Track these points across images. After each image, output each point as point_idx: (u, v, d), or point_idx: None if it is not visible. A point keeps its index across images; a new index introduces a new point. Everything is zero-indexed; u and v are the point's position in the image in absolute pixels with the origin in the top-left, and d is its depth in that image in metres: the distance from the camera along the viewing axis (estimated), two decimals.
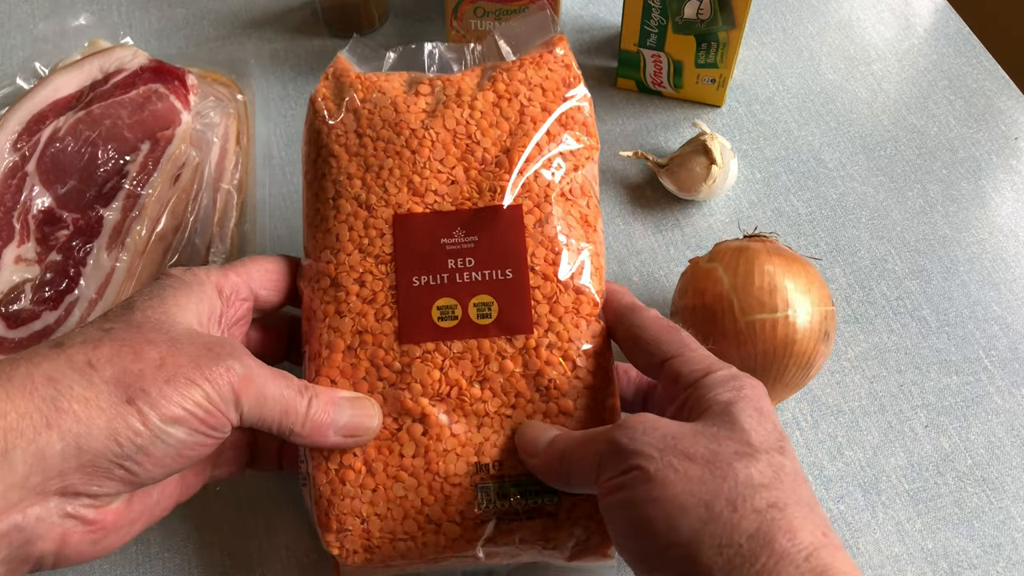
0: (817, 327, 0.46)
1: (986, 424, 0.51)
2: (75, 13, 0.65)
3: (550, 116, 0.43)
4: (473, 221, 0.41)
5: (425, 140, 0.42)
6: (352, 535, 0.39)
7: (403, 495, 0.39)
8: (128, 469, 0.32)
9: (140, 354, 0.33)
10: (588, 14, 0.69)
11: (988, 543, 0.47)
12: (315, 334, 0.41)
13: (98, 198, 0.54)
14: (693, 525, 0.30)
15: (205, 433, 0.33)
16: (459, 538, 0.39)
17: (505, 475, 0.39)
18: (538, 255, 0.40)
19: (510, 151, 0.42)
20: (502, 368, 0.39)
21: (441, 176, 0.41)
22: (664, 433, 0.33)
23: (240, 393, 0.34)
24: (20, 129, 0.55)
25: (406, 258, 0.40)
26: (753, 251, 0.47)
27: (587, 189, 0.43)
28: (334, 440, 0.38)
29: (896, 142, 0.62)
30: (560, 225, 0.41)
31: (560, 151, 0.42)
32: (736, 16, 0.56)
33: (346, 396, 0.38)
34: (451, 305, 0.40)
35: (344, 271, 0.41)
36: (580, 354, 0.40)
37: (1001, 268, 0.56)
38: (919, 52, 0.67)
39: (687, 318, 0.48)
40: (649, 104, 0.64)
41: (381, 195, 0.41)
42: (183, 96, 0.57)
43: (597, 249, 0.42)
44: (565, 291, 0.40)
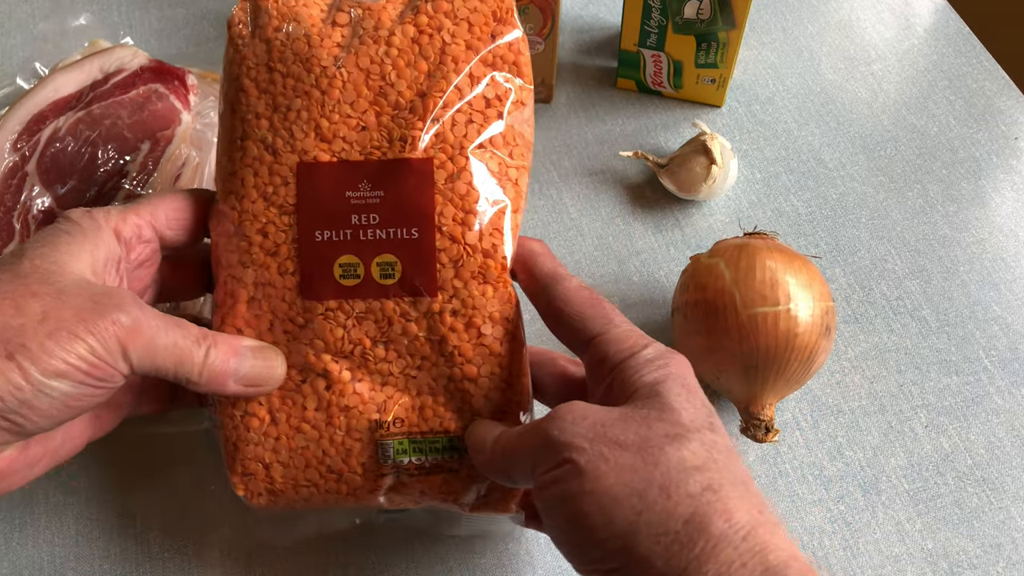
0: (819, 321, 0.46)
1: (986, 424, 0.51)
2: (75, 13, 0.65)
3: (475, 55, 0.39)
4: (380, 174, 0.38)
5: (336, 80, 0.39)
6: (256, 479, 0.39)
7: (304, 445, 0.39)
8: (12, 421, 0.32)
9: (22, 308, 0.32)
10: (588, 14, 0.69)
11: (988, 543, 0.47)
12: (219, 281, 0.40)
13: (98, 198, 0.54)
14: (628, 516, 0.30)
15: (92, 384, 0.33)
16: (360, 487, 0.39)
17: (406, 432, 0.39)
18: (446, 214, 0.38)
19: (426, 96, 0.38)
20: (406, 331, 0.38)
21: (351, 121, 0.38)
22: (593, 421, 0.33)
23: (127, 344, 0.33)
24: (20, 129, 0.55)
25: (309, 211, 0.38)
26: (754, 247, 0.47)
27: (511, 138, 0.40)
28: (234, 388, 0.37)
29: (896, 142, 0.62)
30: (475, 180, 0.38)
31: (484, 94, 0.39)
32: (736, 16, 0.56)
33: (249, 345, 0.38)
34: (354, 263, 0.38)
35: (248, 219, 0.39)
36: (486, 321, 0.38)
37: (1001, 268, 0.56)
38: (919, 52, 0.67)
39: (689, 313, 0.48)
40: (649, 104, 0.64)
41: (287, 139, 0.39)
42: (183, 96, 0.57)
43: (515, 205, 0.40)
44: (472, 255, 0.38)
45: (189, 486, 0.48)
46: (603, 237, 0.58)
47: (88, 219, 0.37)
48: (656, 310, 0.55)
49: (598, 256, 0.57)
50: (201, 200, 0.41)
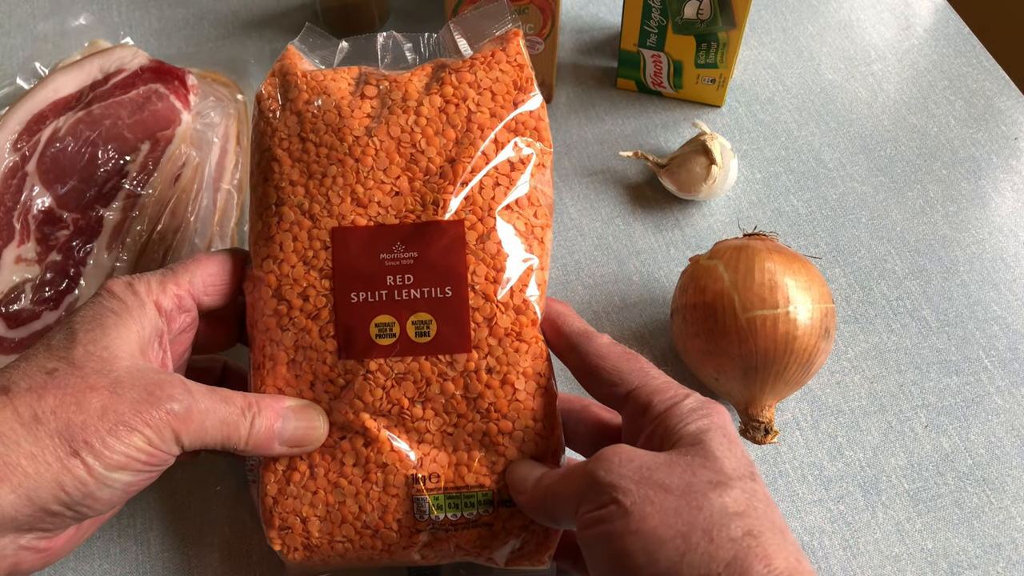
0: (818, 324, 0.46)
1: (986, 424, 0.51)
2: (75, 13, 0.65)
3: (499, 123, 0.41)
4: (413, 236, 0.40)
5: (368, 148, 0.40)
6: (293, 533, 0.40)
7: (342, 500, 0.40)
8: (78, 512, 0.34)
9: (82, 404, 0.34)
10: (588, 14, 0.69)
11: (988, 543, 0.47)
12: (257, 345, 0.41)
13: (98, 198, 0.54)
14: (671, 557, 0.31)
15: (149, 472, 0.36)
16: (395, 544, 0.40)
17: (441, 488, 0.39)
18: (479, 273, 0.39)
19: (455, 161, 0.40)
20: (443, 390, 0.39)
21: (385, 187, 0.40)
22: (639, 464, 0.34)
23: (180, 431, 0.35)
24: (20, 129, 0.55)
25: (345, 273, 0.40)
26: (753, 249, 0.47)
27: (535, 199, 0.42)
28: (279, 450, 0.39)
29: (896, 142, 0.62)
30: (503, 240, 0.40)
31: (509, 158, 0.41)
32: (736, 16, 0.56)
33: (292, 406, 0.39)
34: (389, 323, 0.39)
35: (287, 284, 0.40)
36: (519, 376, 0.40)
37: (1001, 268, 0.56)
38: (919, 52, 0.67)
39: (688, 316, 0.48)
40: (649, 104, 0.64)
41: (324, 204, 0.40)
42: (183, 96, 0.57)
43: (542, 263, 0.41)
44: (505, 312, 0.40)
45: (189, 486, 0.48)
46: (603, 237, 0.58)
47: (131, 295, 0.38)
48: (656, 310, 0.55)
49: (598, 256, 0.57)
50: (236, 261, 0.42)
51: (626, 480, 0.33)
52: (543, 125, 0.43)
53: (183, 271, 0.40)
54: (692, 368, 0.50)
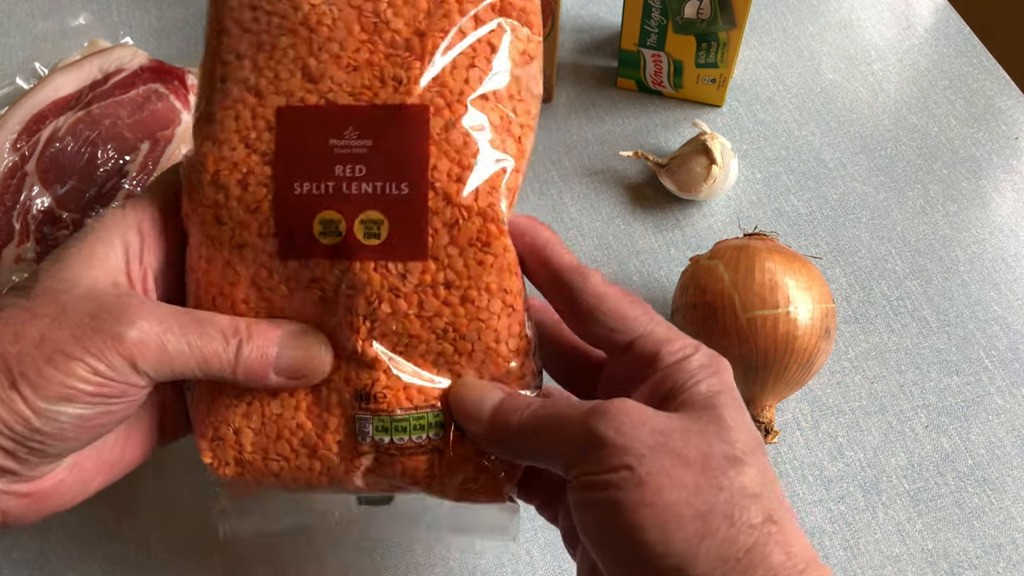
0: (818, 324, 0.46)
1: (986, 424, 0.51)
2: (75, 13, 0.65)
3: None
4: (370, 120, 0.34)
5: (325, 17, 0.35)
6: (224, 444, 0.36)
7: (279, 412, 0.35)
8: (31, 448, 0.32)
9: (20, 333, 0.31)
10: (588, 14, 0.69)
11: (988, 543, 0.47)
12: (192, 244, 0.36)
13: (98, 198, 0.54)
14: (689, 538, 0.29)
15: (104, 403, 0.32)
16: (335, 467, 0.35)
17: (386, 408, 0.35)
18: (441, 168, 0.34)
19: (424, 35, 0.35)
20: (394, 308, 0.34)
21: (341, 60, 0.35)
22: (653, 428, 0.31)
23: (135, 358, 0.32)
24: (20, 129, 0.55)
25: (289, 159, 0.34)
26: (754, 249, 0.47)
27: (516, 92, 0.36)
28: (276, 380, 0.35)
29: (896, 142, 0.62)
30: (473, 132, 0.34)
31: (490, 40, 0.36)
32: (736, 16, 0.56)
33: (289, 332, 0.35)
34: (335, 219, 0.34)
35: (226, 168, 0.35)
36: (482, 293, 0.35)
37: (1001, 268, 0.56)
38: (919, 52, 0.67)
39: (688, 316, 0.48)
40: (649, 104, 0.64)
41: (272, 80, 0.35)
42: (183, 96, 0.57)
43: (518, 164, 0.36)
44: (469, 218, 0.34)
45: (189, 486, 0.48)
46: (603, 237, 0.58)
47: (106, 216, 0.35)
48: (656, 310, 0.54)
49: (598, 256, 0.57)
50: None
51: (639, 444, 0.30)
52: (533, 8, 0.37)
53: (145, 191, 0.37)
54: None
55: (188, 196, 0.36)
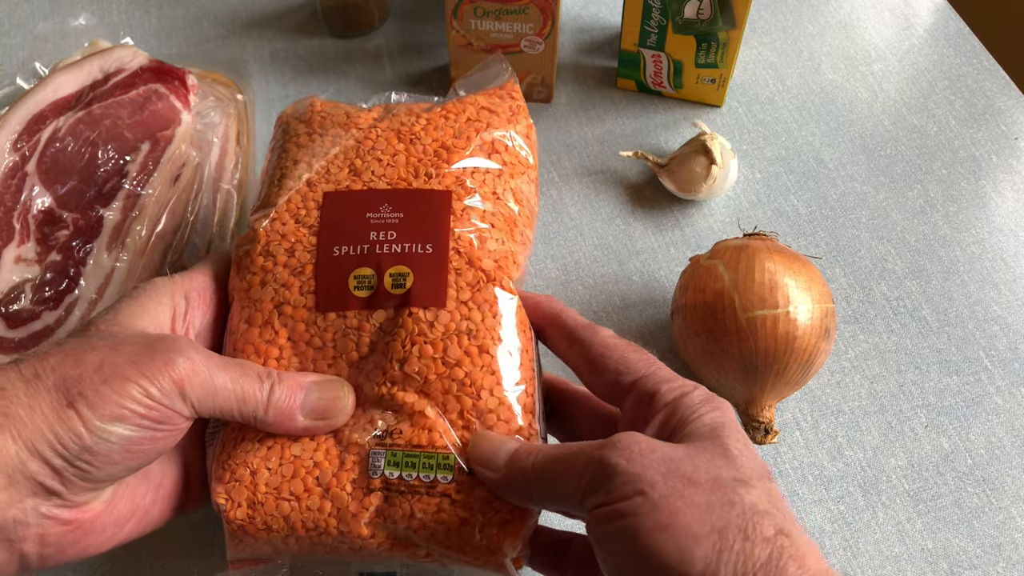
0: (818, 324, 0.46)
1: (986, 424, 0.51)
2: (75, 13, 0.65)
3: (495, 131, 0.44)
4: (402, 199, 0.41)
5: (371, 133, 0.44)
6: (239, 486, 0.38)
7: (298, 454, 0.38)
8: (79, 468, 0.33)
9: (81, 360, 0.34)
10: (588, 14, 0.69)
11: (988, 543, 0.47)
12: (234, 310, 0.40)
13: (98, 198, 0.54)
14: (708, 555, 0.30)
15: (152, 428, 0.34)
16: (345, 507, 0.37)
17: (401, 444, 0.38)
18: (463, 237, 0.40)
19: (450, 149, 0.43)
20: (423, 353, 0.38)
21: (382, 161, 0.42)
22: (662, 455, 0.32)
23: (184, 385, 0.35)
24: (20, 129, 0.55)
25: (331, 229, 0.40)
26: (754, 248, 0.47)
27: (519, 196, 0.44)
28: (303, 424, 0.38)
29: (896, 142, 0.62)
30: (488, 216, 0.42)
31: (502, 157, 0.44)
32: (736, 16, 0.56)
33: (315, 380, 0.38)
34: (368, 275, 0.39)
35: (276, 239, 0.41)
36: (496, 343, 0.39)
37: (1001, 268, 0.56)
38: (919, 52, 0.67)
39: (688, 315, 0.48)
40: (649, 104, 0.64)
41: (323, 175, 0.42)
42: (183, 96, 0.57)
43: (522, 253, 0.42)
44: (487, 282, 0.40)
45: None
46: (603, 237, 0.58)
47: (156, 281, 0.39)
48: (656, 310, 0.55)
49: (598, 256, 0.57)
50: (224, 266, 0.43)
51: (651, 471, 0.31)
52: (533, 145, 0.46)
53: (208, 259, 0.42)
54: (692, 368, 0.50)
55: (237, 267, 0.41)
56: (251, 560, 0.40)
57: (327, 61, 0.66)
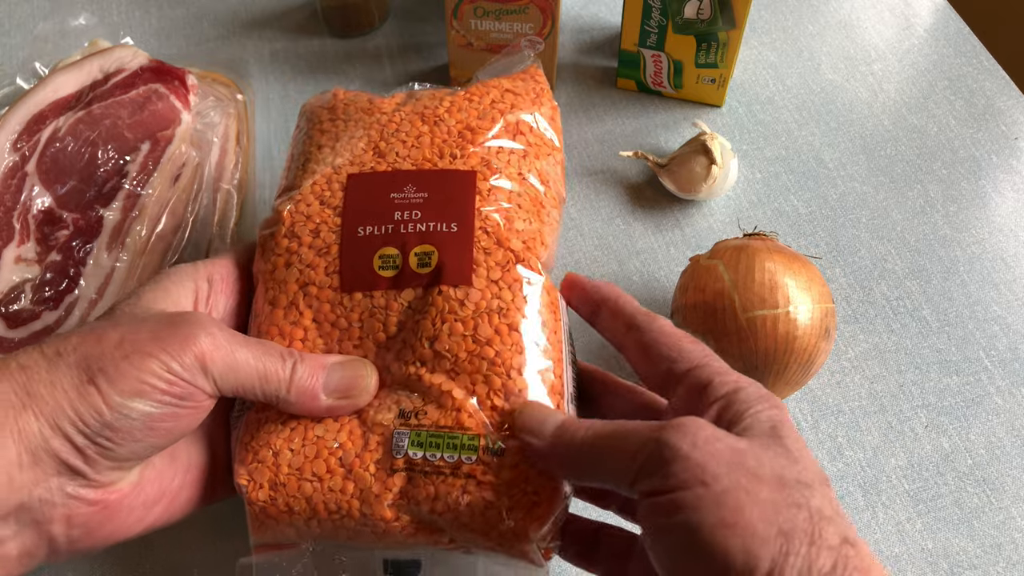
0: (818, 324, 0.46)
1: (986, 424, 0.51)
2: (75, 13, 0.65)
3: (520, 112, 0.44)
4: (427, 179, 0.41)
5: (395, 116, 0.44)
6: (262, 467, 0.37)
7: (321, 435, 0.38)
8: (101, 445, 0.33)
9: (102, 338, 0.34)
10: (588, 14, 0.69)
11: (988, 543, 0.47)
12: (259, 292, 0.40)
13: (98, 198, 0.54)
14: (775, 556, 0.28)
15: (173, 404, 0.34)
16: (368, 488, 0.37)
17: (427, 425, 0.37)
18: (490, 219, 0.40)
19: (474, 130, 0.43)
20: (453, 330, 0.38)
21: (406, 143, 0.42)
22: (728, 446, 0.30)
23: (206, 361, 0.34)
24: (20, 129, 0.55)
25: (355, 209, 0.40)
26: (754, 248, 0.47)
27: (545, 177, 0.43)
28: (326, 403, 0.37)
29: (896, 142, 0.62)
30: (513, 196, 0.41)
31: (527, 139, 0.44)
32: (736, 16, 0.56)
33: (337, 360, 0.38)
34: (393, 255, 0.39)
35: (301, 221, 0.40)
36: (526, 322, 0.38)
37: (1001, 268, 0.56)
38: (919, 52, 0.67)
39: (688, 315, 0.48)
40: (649, 104, 0.64)
41: (347, 158, 0.42)
42: (183, 96, 0.57)
43: (549, 234, 0.42)
44: (517, 262, 0.39)
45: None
46: (603, 237, 0.58)
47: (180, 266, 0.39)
48: (656, 310, 0.54)
49: (598, 256, 0.57)
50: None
51: (715, 461, 0.30)
52: (558, 128, 0.46)
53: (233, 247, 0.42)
54: None
55: (261, 250, 0.41)
56: (274, 545, 0.39)
57: (327, 61, 0.66)
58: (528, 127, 0.44)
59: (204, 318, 0.36)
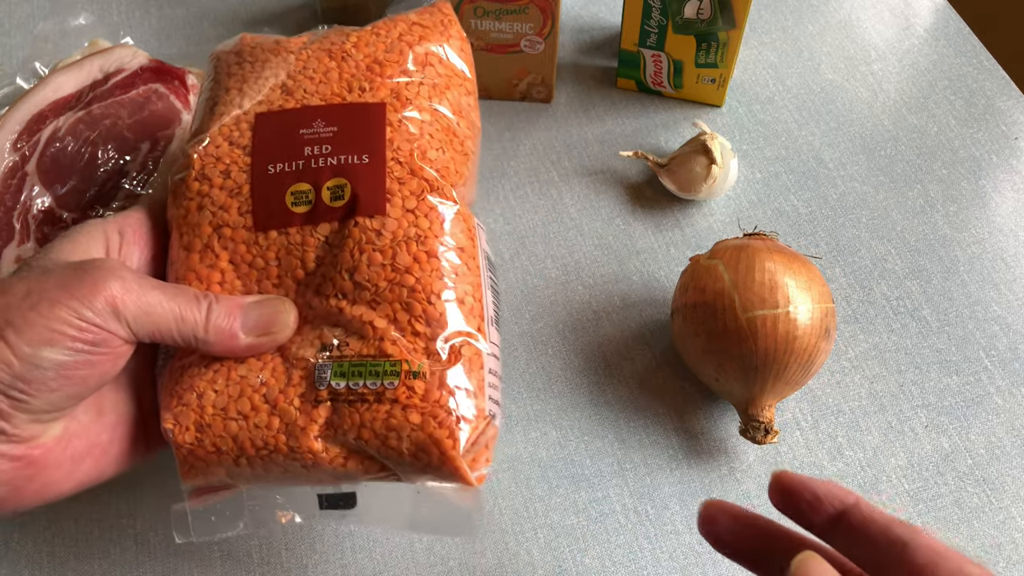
0: (818, 324, 0.46)
1: (986, 424, 0.51)
2: (75, 13, 0.65)
3: (429, 44, 0.44)
4: (336, 113, 0.41)
5: (302, 54, 0.43)
6: (187, 410, 0.37)
7: (244, 374, 0.38)
8: (15, 398, 0.33)
9: (7, 291, 0.34)
10: (588, 14, 0.69)
11: (988, 543, 0.47)
12: (173, 238, 0.40)
13: (98, 198, 0.54)
14: None
15: (86, 351, 0.34)
16: (293, 422, 0.37)
17: (348, 356, 0.37)
18: (401, 146, 0.40)
19: (383, 64, 0.43)
20: (372, 260, 0.38)
21: (314, 79, 0.42)
22: None
23: (117, 304, 0.34)
24: (20, 129, 0.55)
25: (264, 147, 0.40)
26: (753, 248, 0.47)
27: (457, 107, 0.43)
28: (247, 342, 0.37)
29: (896, 142, 0.62)
30: (425, 126, 0.41)
31: (437, 71, 0.44)
32: (736, 16, 0.56)
33: (253, 299, 0.38)
34: (305, 190, 0.39)
35: (211, 162, 0.40)
36: (443, 248, 0.39)
37: (1001, 268, 0.56)
38: (919, 52, 0.67)
39: (688, 315, 0.48)
40: (649, 104, 0.64)
41: (254, 97, 0.42)
42: (183, 96, 0.57)
43: (464, 164, 0.42)
44: (432, 190, 0.40)
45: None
46: (603, 237, 0.58)
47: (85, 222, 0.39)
48: (656, 310, 0.55)
49: (598, 256, 0.57)
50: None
51: None
52: (468, 59, 0.46)
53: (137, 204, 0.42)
54: (692, 368, 0.50)
55: (173, 196, 0.41)
56: (208, 489, 0.39)
57: None
58: (437, 58, 0.44)
59: (113, 263, 0.35)
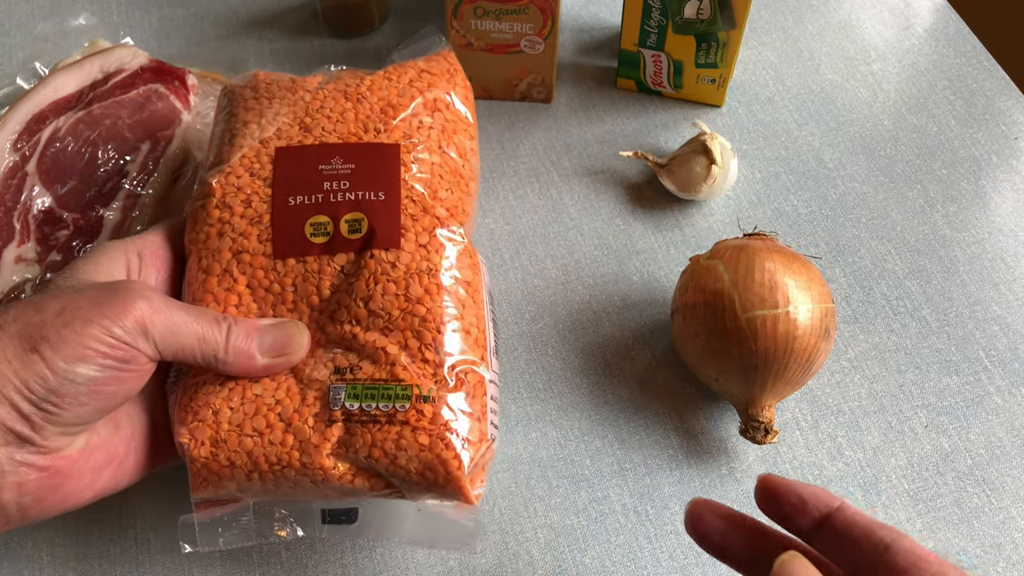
0: (818, 324, 0.46)
1: (986, 424, 0.51)
2: (75, 13, 0.65)
3: (437, 90, 0.47)
4: (353, 152, 0.43)
5: (318, 94, 0.46)
6: (203, 425, 0.39)
7: (260, 393, 0.39)
8: (47, 411, 0.34)
9: (41, 307, 0.35)
10: (588, 14, 0.69)
11: (988, 543, 0.47)
12: (192, 261, 0.42)
13: (98, 198, 0.54)
14: None
15: (116, 368, 0.35)
16: (307, 440, 0.38)
17: (362, 379, 0.39)
18: (415, 189, 0.43)
19: (395, 107, 0.45)
20: (386, 290, 0.40)
21: (331, 118, 0.45)
22: None
23: (146, 324, 0.36)
24: (20, 129, 0.55)
25: (285, 180, 0.42)
26: (753, 248, 0.47)
27: (462, 151, 0.46)
28: (263, 363, 0.39)
29: (896, 142, 0.62)
30: (435, 167, 0.44)
31: (444, 116, 0.46)
32: (736, 16, 0.56)
33: (269, 322, 0.40)
34: (324, 222, 0.41)
35: (232, 192, 0.42)
36: (452, 282, 0.41)
37: (1001, 268, 0.56)
38: (919, 52, 0.67)
39: (688, 315, 0.48)
40: (649, 104, 0.64)
41: (273, 132, 0.44)
42: (183, 96, 0.57)
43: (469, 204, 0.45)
44: (442, 227, 0.42)
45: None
46: (603, 237, 0.58)
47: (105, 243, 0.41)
48: (656, 310, 0.55)
49: (598, 256, 0.57)
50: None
51: None
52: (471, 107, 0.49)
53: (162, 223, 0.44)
54: (692, 368, 0.50)
55: (192, 222, 0.42)
56: (215, 502, 0.41)
57: (327, 61, 0.66)
58: (445, 104, 0.47)
59: (141, 285, 0.37)
